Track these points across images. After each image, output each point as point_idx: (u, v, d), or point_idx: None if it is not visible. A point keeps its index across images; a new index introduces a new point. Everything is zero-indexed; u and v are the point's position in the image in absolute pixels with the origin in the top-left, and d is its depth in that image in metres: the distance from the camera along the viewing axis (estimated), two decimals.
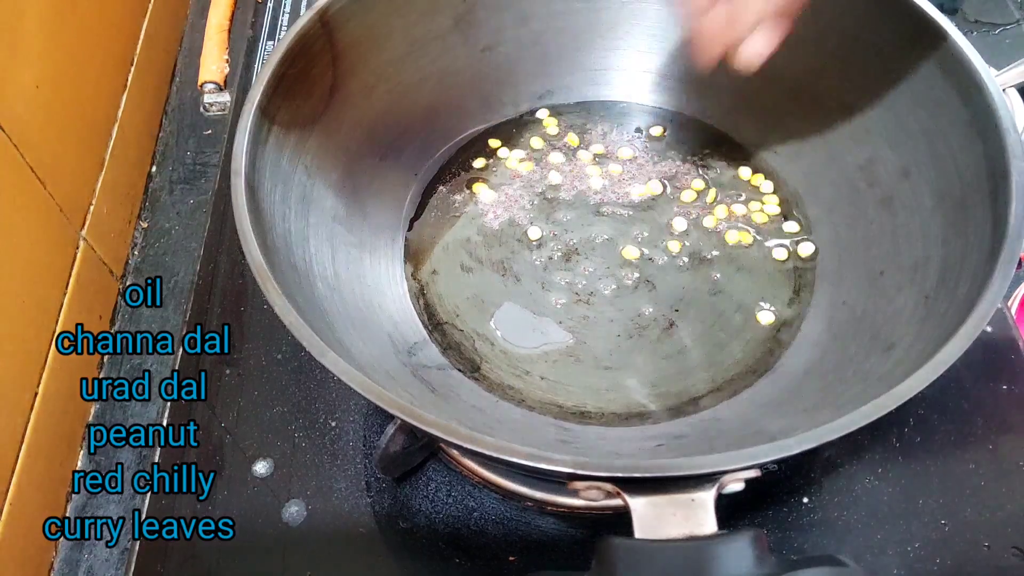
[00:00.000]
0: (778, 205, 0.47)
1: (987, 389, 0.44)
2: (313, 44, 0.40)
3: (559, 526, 0.40)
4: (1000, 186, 0.34)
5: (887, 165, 0.42)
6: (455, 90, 0.49)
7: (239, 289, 0.49)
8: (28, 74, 0.44)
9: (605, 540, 0.26)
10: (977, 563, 0.39)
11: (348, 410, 0.44)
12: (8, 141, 0.41)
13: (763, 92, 0.47)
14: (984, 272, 0.32)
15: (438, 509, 0.41)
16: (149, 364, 0.49)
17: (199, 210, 0.56)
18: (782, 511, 0.40)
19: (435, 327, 0.43)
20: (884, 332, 0.37)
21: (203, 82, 0.61)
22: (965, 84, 0.37)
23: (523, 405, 0.40)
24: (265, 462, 0.42)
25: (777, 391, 0.39)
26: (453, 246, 0.46)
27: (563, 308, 0.44)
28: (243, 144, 0.36)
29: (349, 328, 0.38)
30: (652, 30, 0.49)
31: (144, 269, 0.53)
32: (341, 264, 0.41)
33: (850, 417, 0.27)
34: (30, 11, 0.44)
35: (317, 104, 0.42)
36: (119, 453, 0.46)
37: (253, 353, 0.46)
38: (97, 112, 0.52)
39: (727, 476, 0.27)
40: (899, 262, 0.39)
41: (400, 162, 0.47)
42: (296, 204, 0.40)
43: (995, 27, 0.64)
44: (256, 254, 0.32)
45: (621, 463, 0.26)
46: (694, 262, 0.45)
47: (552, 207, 0.48)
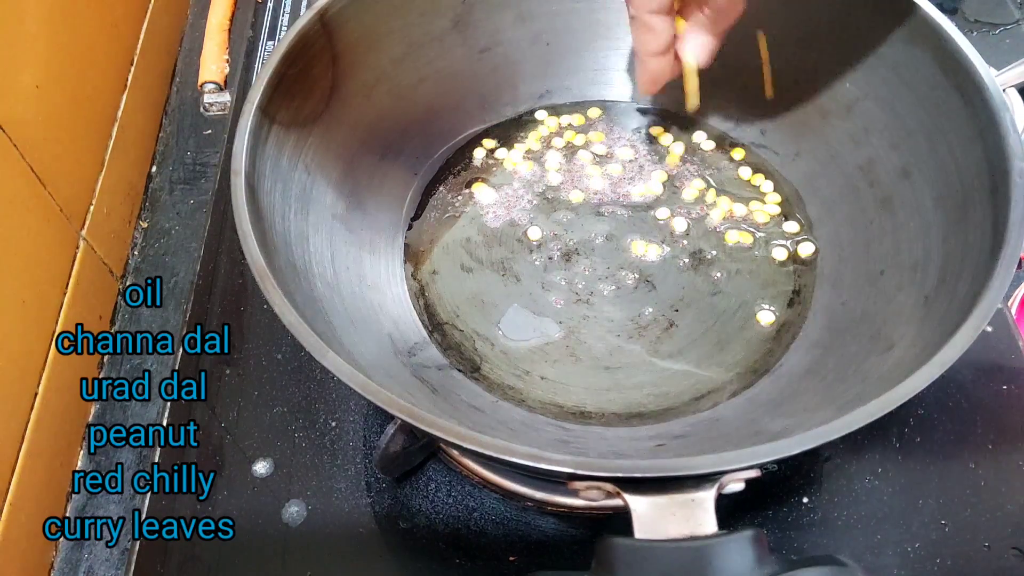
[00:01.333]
0: (778, 205, 0.47)
1: (987, 389, 0.44)
2: (313, 44, 0.40)
3: (559, 526, 0.40)
4: (1000, 186, 0.34)
5: (887, 165, 0.42)
6: (455, 90, 0.49)
7: (239, 289, 0.49)
8: (28, 74, 0.44)
9: (605, 540, 0.26)
10: (977, 563, 0.39)
11: (348, 410, 0.44)
12: (8, 141, 0.41)
13: (763, 92, 0.48)
14: (984, 272, 0.32)
15: (438, 509, 0.41)
16: (149, 364, 0.49)
17: (199, 210, 0.56)
18: (782, 511, 0.40)
19: (435, 327, 0.43)
20: (884, 332, 0.37)
21: (203, 82, 0.61)
22: (965, 84, 0.37)
23: (523, 405, 0.40)
24: (265, 462, 0.42)
25: (777, 391, 0.39)
26: (453, 246, 0.46)
27: (563, 308, 0.44)
28: (243, 144, 0.36)
29: (349, 328, 0.38)
30: None
31: (144, 269, 0.53)
32: (341, 264, 0.41)
33: (850, 417, 0.27)
34: (30, 11, 0.44)
35: (317, 104, 0.42)
36: (119, 453, 0.46)
37: (253, 353, 0.46)
38: (97, 112, 0.52)
39: (727, 476, 0.27)
40: (899, 262, 0.39)
41: (400, 162, 0.47)
42: (296, 203, 0.40)
43: (995, 27, 0.64)
44: (256, 254, 0.32)
45: (621, 463, 0.26)
46: (694, 262, 0.45)
47: (552, 207, 0.48)
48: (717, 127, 0.50)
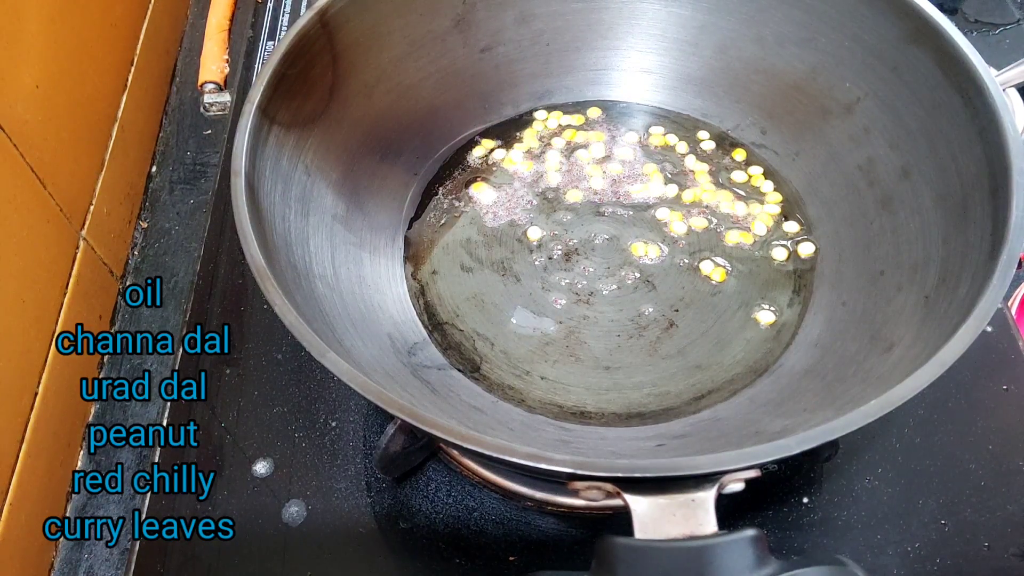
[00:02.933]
0: (778, 205, 0.47)
1: (987, 389, 0.44)
2: (313, 44, 0.40)
3: (559, 526, 0.40)
4: (1000, 186, 0.34)
5: (887, 165, 0.42)
6: (455, 90, 0.49)
7: (239, 289, 0.49)
8: (28, 74, 0.44)
9: (605, 540, 0.26)
10: (977, 564, 0.39)
11: (348, 410, 0.44)
12: (8, 141, 0.41)
13: (763, 92, 0.48)
14: (984, 272, 0.32)
15: (438, 509, 0.41)
16: (149, 364, 0.49)
17: (199, 210, 0.55)
18: (782, 511, 0.40)
19: (435, 327, 0.43)
20: (884, 332, 0.37)
21: (203, 82, 0.61)
22: (965, 84, 0.37)
23: (523, 405, 0.40)
24: (265, 462, 0.42)
25: (777, 391, 0.39)
26: (453, 246, 0.46)
27: (563, 308, 0.44)
28: (243, 144, 0.36)
29: (349, 328, 0.38)
30: (652, 30, 0.49)
31: (144, 269, 0.53)
32: (341, 264, 0.41)
33: (850, 417, 0.27)
34: (30, 11, 0.44)
35: (317, 104, 0.42)
36: (119, 453, 0.46)
37: (253, 353, 0.46)
38: (97, 112, 0.52)
39: (727, 476, 0.27)
40: (899, 262, 0.39)
41: (400, 162, 0.47)
42: (296, 203, 0.40)
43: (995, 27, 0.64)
44: (256, 254, 0.32)
45: (621, 463, 0.26)
46: (694, 262, 0.45)
47: (552, 207, 0.48)
48: (717, 127, 0.50)
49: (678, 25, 0.48)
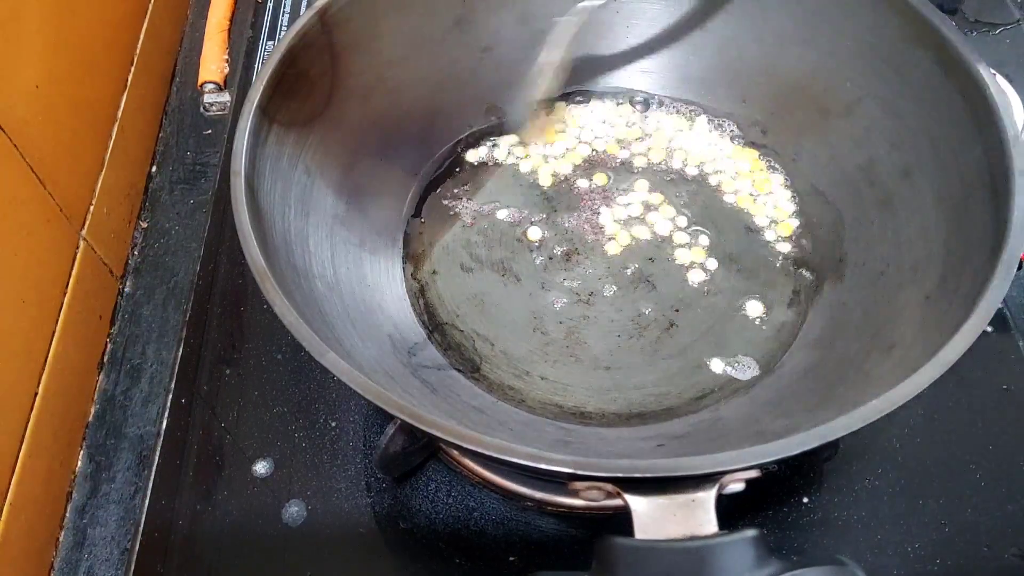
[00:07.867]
0: (779, 204, 0.47)
1: (987, 389, 0.44)
2: (313, 44, 0.40)
3: (559, 526, 0.40)
4: (1000, 186, 0.34)
5: (887, 165, 0.42)
6: (455, 90, 0.49)
7: (239, 289, 0.49)
8: (28, 74, 0.44)
9: (605, 540, 0.26)
10: (977, 564, 0.39)
11: (348, 410, 0.44)
12: (8, 141, 0.41)
13: (764, 92, 0.48)
14: (985, 272, 0.32)
15: (438, 509, 0.41)
16: (149, 364, 0.49)
17: (199, 210, 0.55)
18: (782, 511, 0.40)
19: (435, 327, 0.43)
20: (884, 332, 0.37)
21: (203, 82, 0.61)
22: (965, 84, 0.37)
23: (523, 406, 0.40)
24: (265, 462, 0.42)
25: (777, 391, 0.39)
26: (453, 246, 0.46)
27: (563, 308, 0.44)
28: (243, 144, 0.36)
29: (349, 328, 0.38)
30: (651, 30, 0.49)
31: (144, 269, 0.53)
32: (341, 264, 0.41)
33: (850, 417, 0.27)
34: (30, 11, 0.44)
35: (317, 104, 0.42)
36: (119, 453, 0.46)
37: (253, 353, 0.46)
38: (97, 112, 0.52)
39: (727, 476, 0.27)
40: (900, 262, 0.39)
41: (400, 162, 0.47)
42: (296, 203, 0.40)
43: (995, 27, 0.64)
44: (256, 254, 0.32)
45: (621, 463, 0.26)
46: (694, 262, 0.45)
47: (552, 207, 0.47)
48: (717, 127, 0.50)
49: (678, 25, 0.48)
